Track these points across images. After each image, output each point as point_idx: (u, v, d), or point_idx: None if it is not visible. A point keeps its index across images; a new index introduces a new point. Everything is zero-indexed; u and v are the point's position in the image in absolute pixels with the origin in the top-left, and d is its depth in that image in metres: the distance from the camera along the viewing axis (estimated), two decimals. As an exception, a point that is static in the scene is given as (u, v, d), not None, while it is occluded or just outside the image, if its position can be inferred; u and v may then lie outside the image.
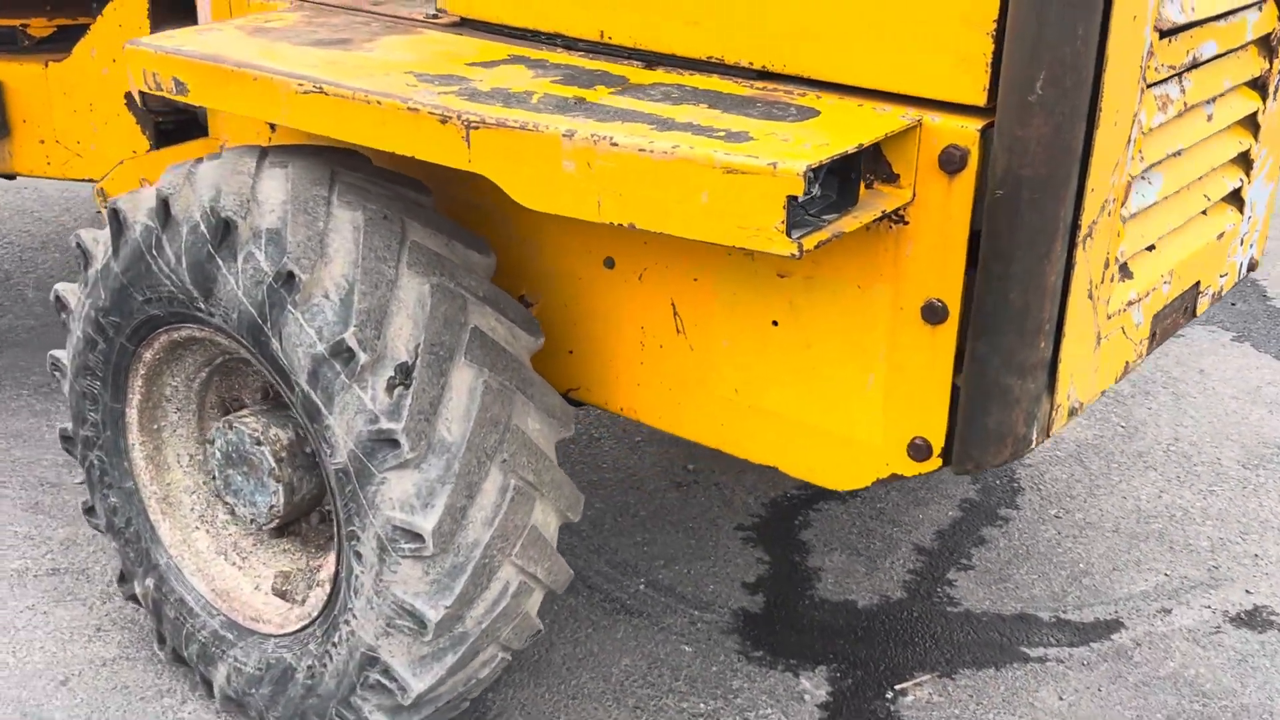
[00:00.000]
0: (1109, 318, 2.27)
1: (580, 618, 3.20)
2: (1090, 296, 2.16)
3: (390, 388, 2.22)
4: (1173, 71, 2.23)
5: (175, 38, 2.56)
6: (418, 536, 2.24)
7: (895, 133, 2.01)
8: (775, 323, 2.34)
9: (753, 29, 2.22)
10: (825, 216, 1.98)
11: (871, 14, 2.08)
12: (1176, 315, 2.57)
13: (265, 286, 2.27)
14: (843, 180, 2.02)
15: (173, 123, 3.99)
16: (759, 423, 2.43)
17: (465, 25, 2.64)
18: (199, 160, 2.52)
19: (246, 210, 2.31)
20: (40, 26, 4.05)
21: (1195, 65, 2.31)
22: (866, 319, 2.22)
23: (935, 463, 2.24)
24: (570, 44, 2.48)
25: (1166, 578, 3.43)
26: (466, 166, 2.14)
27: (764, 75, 2.25)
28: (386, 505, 2.25)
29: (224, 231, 2.31)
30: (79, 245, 2.60)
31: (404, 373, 2.23)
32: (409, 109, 2.16)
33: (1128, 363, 2.41)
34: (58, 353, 2.78)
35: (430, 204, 2.53)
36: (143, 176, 3.52)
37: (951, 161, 2.03)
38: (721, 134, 1.98)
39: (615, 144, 1.97)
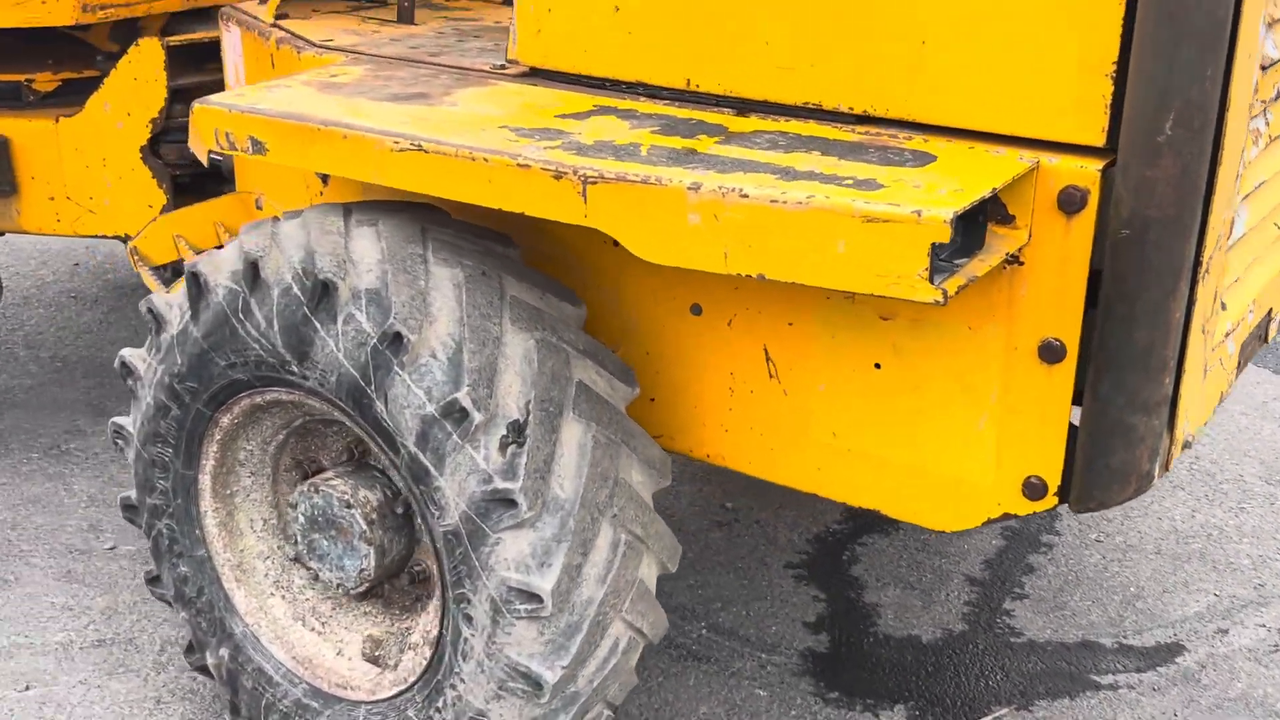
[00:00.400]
0: (1212, 350, 2.29)
1: (649, 666, 3.16)
2: (1203, 331, 2.18)
3: (503, 446, 2.19)
4: (1264, 106, 2.27)
5: (246, 95, 2.51)
6: (535, 597, 2.20)
7: (1020, 175, 2.02)
8: (878, 365, 2.34)
9: (855, 74, 2.22)
10: (956, 261, 1.98)
11: (984, 59, 2.09)
12: (1255, 343, 2.60)
13: (369, 348, 2.22)
14: (968, 224, 2.02)
15: (189, 176, 3.93)
16: (859, 466, 2.42)
17: (535, 76, 2.61)
18: (276, 220, 2.47)
19: (344, 271, 2.26)
20: (45, 81, 3.96)
21: (1278, 98, 2.35)
22: (979, 359, 2.22)
23: (1051, 501, 2.24)
24: (654, 92, 2.46)
25: (1216, 598, 3.47)
26: (582, 221, 2.11)
27: (864, 119, 2.25)
28: (501, 566, 2.21)
29: (322, 293, 2.26)
30: (150, 310, 2.53)
31: (516, 431, 2.19)
32: (519, 165, 2.13)
33: (1222, 393, 2.43)
34: (121, 420, 2.70)
35: (517, 257, 2.50)
36: (176, 234, 3.45)
37: (1072, 202, 2.04)
38: (850, 182, 1.98)
39: (746, 195, 1.96)
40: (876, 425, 2.37)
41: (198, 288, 2.43)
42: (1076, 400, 2.18)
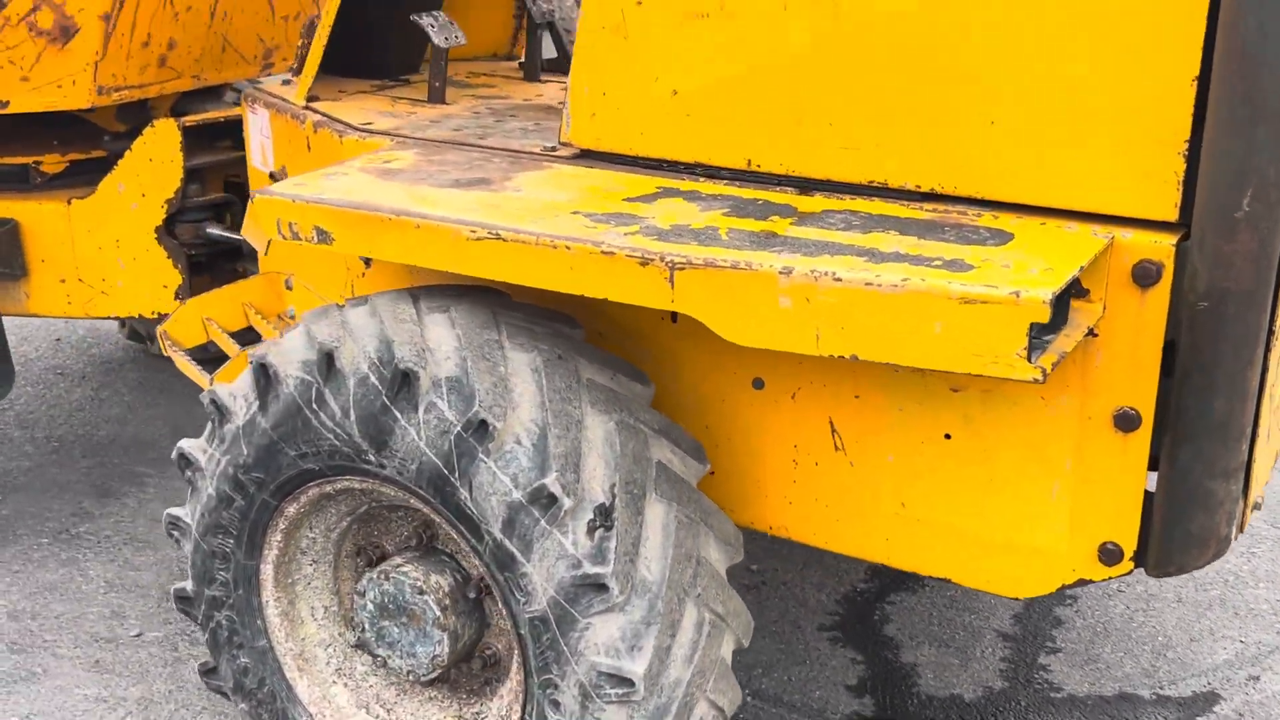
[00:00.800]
0: (1274, 412, 2.35)
1: (700, 736, 3.15)
2: (1270, 395, 2.25)
3: (591, 531, 2.19)
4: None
5: (306, 185, 2.51)
6: (627, 681, 2.20)
7: (1101, 252, 2.07)
8: (948, 436, 2.38)
9: (922, 154, 2.27)
10: (1045, 337, 2.02)
11: (1055, 139, 2.15)
12: (1298, 400, 2.68)
13: (452, 436, 2.23)
14: (1055, 300, 2.07)
15: (204, 255, 3.92)
16: (929, 536, 2.45)
17: (588, 157, 2.64)
18: (340, 308, 2.47)
19: (424, 360, 2.27)
20: (53, 162, 3.93)
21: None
22: (1052, 429, 2.26)
23: (1126, 566, 2.29)
24: (712, 173, 2.50)
25: (1243, 645, 3.53)
26: (669, 307, 2.14)
27: (932, 197, 2.30)
28: (591, 651, 2.21)
29: (402, 382, 2.26)
30: (213, 402, 2.51)
31: (603, 514, 2.20)
32: (603, 252, 2.15)
33: (1277, 452, 2.50)
34: (177, 511, 2.67)
35: (582, 337, 2.52)
36: (206, 316, 3.43)
37: (1147, 276, 2.10)
38: (938, 262, 2.02)
39: (839, 279, 2.00)
40: (947, 495, 2.41)
41: (266, 378, 2.42)
42: (1150, 466, 2.23)
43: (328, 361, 2.34)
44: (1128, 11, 2.06)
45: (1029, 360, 1.91)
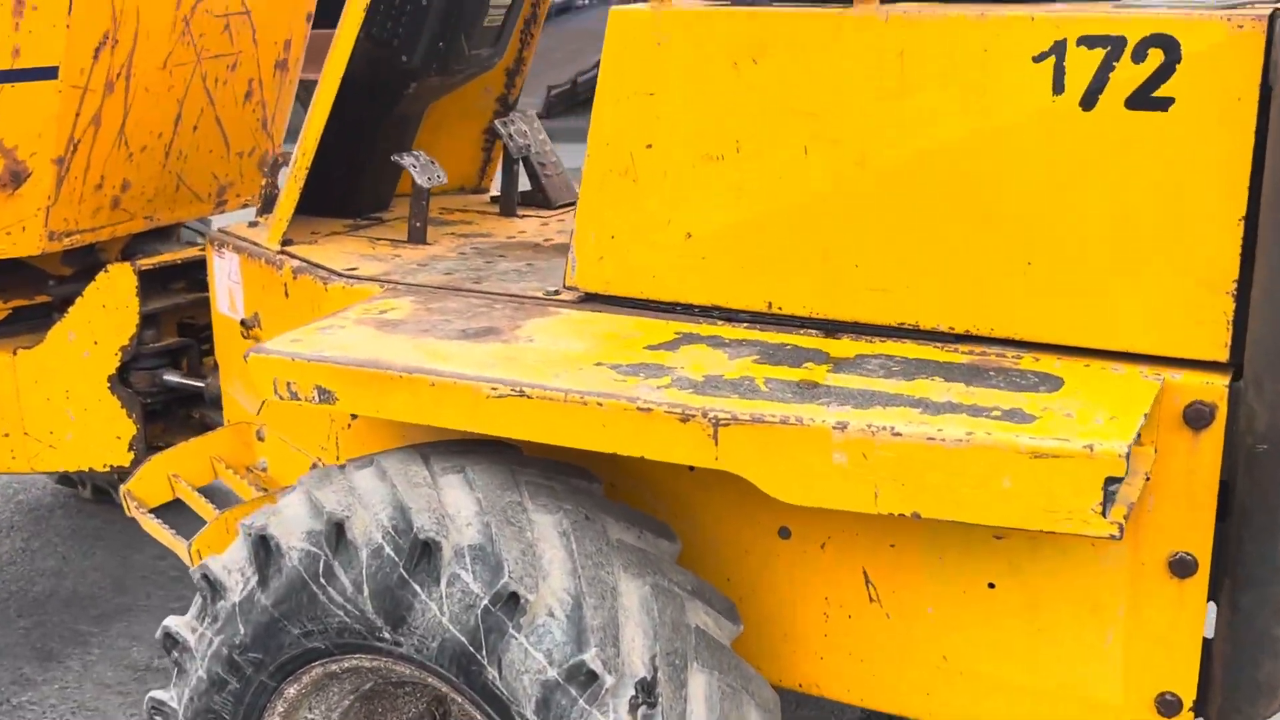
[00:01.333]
0: (1319, 547, 2.30)
1: None
2: (1324, 532, 2.19)
3: (633, 708, 2.04)
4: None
5: (304, 341, 2.37)
6: None
7: (1159, 395, 2.01)
8: (991, 585, 2.28)
9: (955, 295, 2.21)
10: (1111, 488, 1.94)
11: (1095, 280, 2.10)
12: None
13: (479, 610, 2.07)
14: (1113, 448, 1.99)
15: (159, 402, 3.73)
16: (974, 689, 2.34)
17: (594, 301, 2.54)
18: (343, 470, 2.32)
19: (444, 528, 2.12)
20: (-4, 310, 3.74)
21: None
22: (1104, 577, 2.18)
23: (1187, 717, 2.19)
24: (730, 316, 2.42)
25: (1255, 771, 3.45)
26: (712, 464, 2.02)
27: (965, 339, 2.23)
28: (637, 838, 2.04)
29: (422, 553, 2.11)
30: (205, 577, 2.33)
31: (645, 689, 2.06)
32: (639, 409, 2.04)
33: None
34: (161, 695, 2.46)
35: (600, 492, 2.39)
36: (173, 473, 3.23)
37: (1200, 418, 2.04)
38: (996, 413, 1.94)
39: (899, 434, 1.90)
40: (992, 646, 2.30)
41: (266, 551, 2.24)
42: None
43: (337, 532, 2.18)
44: (1171, 151, 2.02)
45: (1103, 515, 1.83)
